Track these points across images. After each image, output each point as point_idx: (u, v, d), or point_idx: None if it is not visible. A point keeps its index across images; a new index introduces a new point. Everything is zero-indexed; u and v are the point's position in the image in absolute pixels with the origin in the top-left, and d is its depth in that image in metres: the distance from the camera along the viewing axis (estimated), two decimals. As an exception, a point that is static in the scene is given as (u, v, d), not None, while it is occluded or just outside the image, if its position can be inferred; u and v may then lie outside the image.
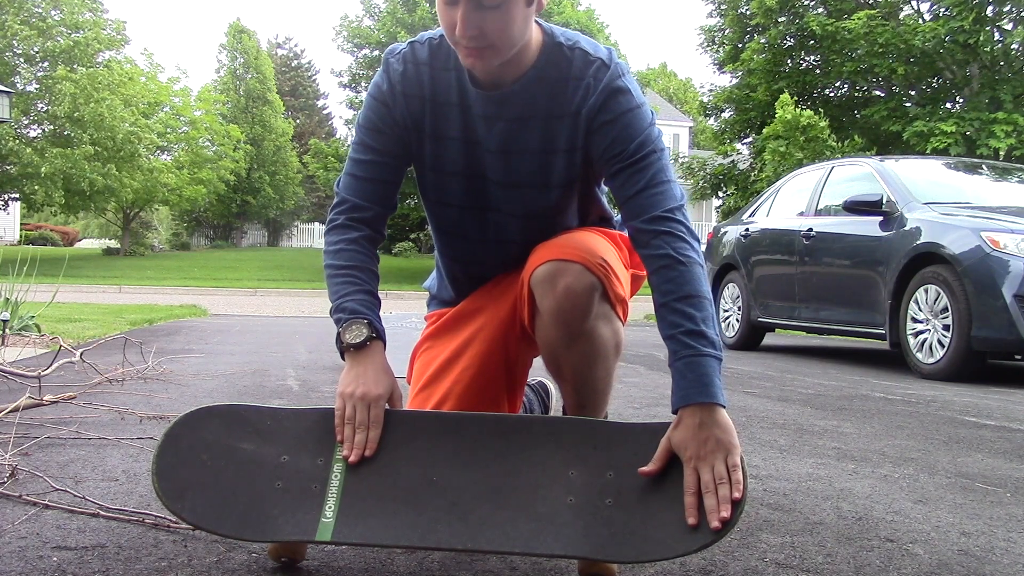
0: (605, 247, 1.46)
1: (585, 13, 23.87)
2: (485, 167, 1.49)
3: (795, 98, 12.55)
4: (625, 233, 1.55)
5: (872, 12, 14.07)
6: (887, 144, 14.55)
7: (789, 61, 15.71)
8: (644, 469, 1.24)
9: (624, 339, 1.52)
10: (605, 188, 1.60)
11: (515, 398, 1.65)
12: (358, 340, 1.38)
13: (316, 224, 39.62)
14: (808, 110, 12.13)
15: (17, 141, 22.19)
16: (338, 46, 25.08)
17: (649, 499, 1.23)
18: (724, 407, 1.25)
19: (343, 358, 1.40)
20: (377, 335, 1.40)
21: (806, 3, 15.65)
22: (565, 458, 1.28)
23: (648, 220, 1.35)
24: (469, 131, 1.47)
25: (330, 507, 1.24)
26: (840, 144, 12.61)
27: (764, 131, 12.63)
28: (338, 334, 1.40)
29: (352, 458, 1.28)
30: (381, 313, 1.48)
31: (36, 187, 21.96)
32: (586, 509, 1.23)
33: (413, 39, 1.50)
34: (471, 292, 1.64)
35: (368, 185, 1.49)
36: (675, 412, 1.27)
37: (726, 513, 1.16)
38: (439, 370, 1.58)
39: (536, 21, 1.41)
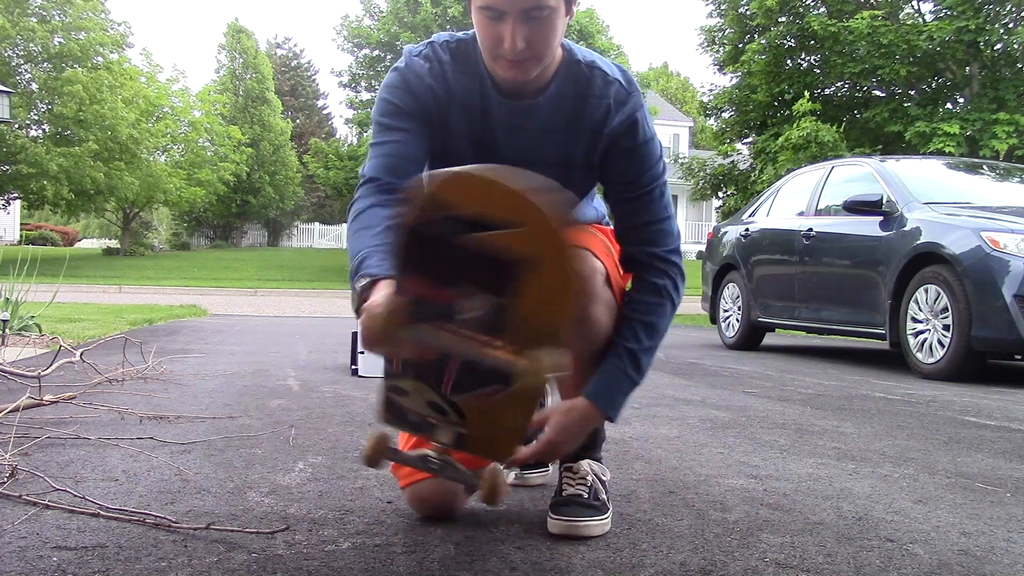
0: (604, 241, 1.54)
1: (586, 13, 23.86)
2: None
3: (811, 102, 12.40)
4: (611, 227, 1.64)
5: (875, 12, 14.06)
6: (889, 145, 14.54)
7: (789, 62, 15.69)
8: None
9: None
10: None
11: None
12: (362, 290, 1.26)
13: (316, 224, 39.60)
14: (831, 126, 12.01)
15: (24, 139, 22.21)
16: (338, 46, 25.06)
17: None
18: (612, 421, 1.48)
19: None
20: (380, 275, 1.26)
21: (807, 3, 15.64)
22: None
23: (652, 255, 1.51)
24: (487, 137, 1.49)
25: None
26: (850, 152, 12.56)
27: (779, 140, 12.55)
28: (354, 308, 1.29)
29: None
30: None
31: (45, 183, 21.95)
32: None
33: (430, 40, 1.51)
34: None
35: (396, 161, 1.44)
36: (582, 394, 1.45)
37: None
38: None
39: None
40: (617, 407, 1.47)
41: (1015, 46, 14.02)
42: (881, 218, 5.15)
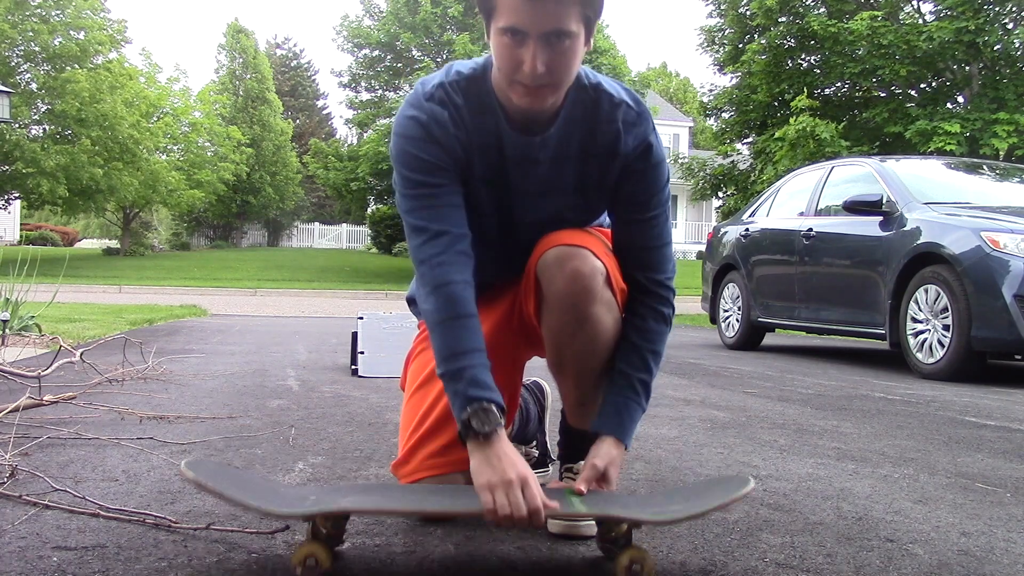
0: (605, 242, 1.54)
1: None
2: (515, 209, 1.52)
3: (809, 99, 12.37)
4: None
5: (875, 13, 14.06)
6: (889, 144, 14.54)
7: (789, 62, 15.69)
8: (578, 486, 1.41)
9: (622, 331, 1.53)
10: None
11: (513, 396, 1.66)
12: (487, 430, 1.31)
13: (316, 224, 39.61)
14: (830, 123, 12.01)
15: (20, 137, 22.19)
16: (338, 46, 25.01)
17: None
18: (627, 449, 1.50)
19: (463, 440, 1.34)
20: (502, 413, 1.34)
21: (807, 3, 15.64)
22: None
23: (654, 281, 1.54)
24: (501, 175, 1.48)
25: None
26: (849, 151, 12.55)
27: (776, 133, 12.55)
28: (464, 419, 1.32)
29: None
30: (380, 313, 1.50)
31: (42, 181, 21.92)
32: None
33: (439, 81, 1.46)
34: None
35: (458, 211, 1.43)
36: (595, 431, 1.47)
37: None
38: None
39: None
40: (632, 436, 1.51)
41: (1015, 46, 14.02)
42: (881, 218, 5.15)
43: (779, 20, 15.37)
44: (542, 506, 1.25)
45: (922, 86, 15.30)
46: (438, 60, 21.38)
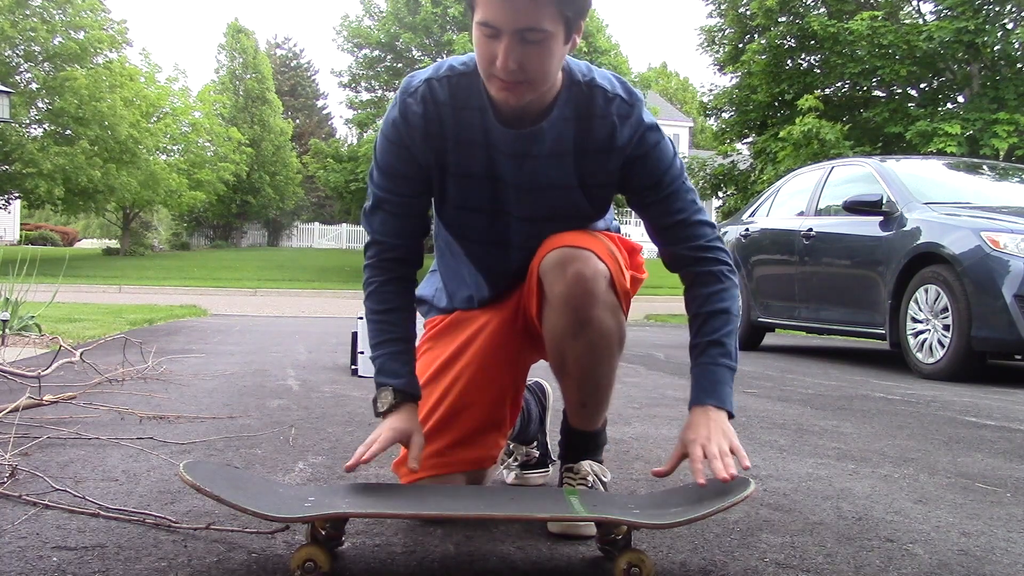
0: (610, 245, 1.51)
1: (585, 12, 23.81)
2: (510, 204, 1.51)
3: (816, 98, 12.36)
4: (620, 234, 1.64)
5: (875, 13, 14.05)
6: (890, 145, 14.54)
7: (789, 62, 15.68)
8: (658, 470, 1.42)
9: (626, 335, 1.53)
10: None
11: (517, 397, 1.66)
12: (384, 408, 1.50)
13: (316, 224, 39.58)
14: (835, 124, 11.99)
15: (20, 136, 22.18)
16: (338, 46, 25.06)
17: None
18: (731, 414, 1.44)
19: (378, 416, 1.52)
20: (402, 398, 1.49)
21: (807, 3, 15.64)
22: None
23: (696, 248, 1.51)
24: (493, 169, 1.48)
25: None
26: (852, 152, 12.54)
27: (781, 133, 12.53)
28: (372, 399, 1.53)
29: (350, 462, 1.38)
30: None
31: (39, 182, 21.90)
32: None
33: (428, 75, 1.47)
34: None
35: (400, 221, 1.54)
36: (690, 408, 1.45)
37: (734, 471, 1.31)
38: (440, 368, 1.59)
39: None
40: (729, 399, 1.45)
41: (1015, 46, 14.01)
42: (881, 218, 5.15)
43: (779, 20, 15.36)
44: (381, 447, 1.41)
45: (922, 86, 15.30)
46: (438, 60, 21.39)
